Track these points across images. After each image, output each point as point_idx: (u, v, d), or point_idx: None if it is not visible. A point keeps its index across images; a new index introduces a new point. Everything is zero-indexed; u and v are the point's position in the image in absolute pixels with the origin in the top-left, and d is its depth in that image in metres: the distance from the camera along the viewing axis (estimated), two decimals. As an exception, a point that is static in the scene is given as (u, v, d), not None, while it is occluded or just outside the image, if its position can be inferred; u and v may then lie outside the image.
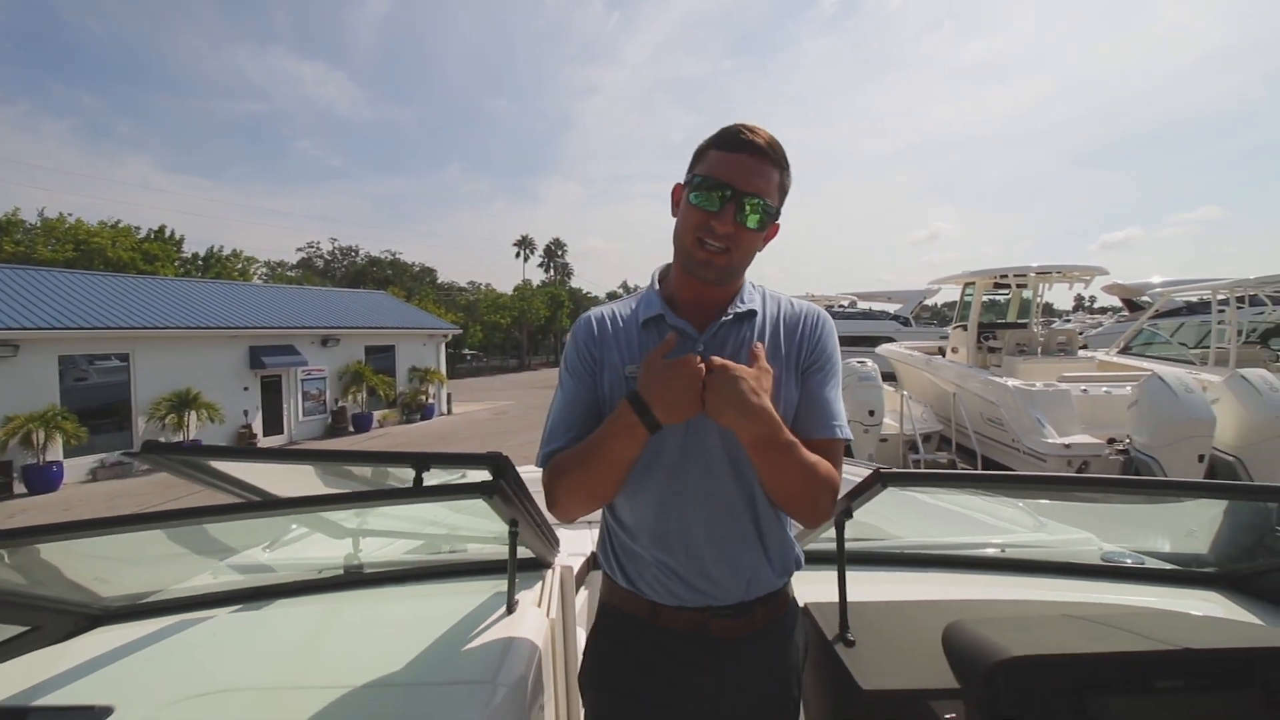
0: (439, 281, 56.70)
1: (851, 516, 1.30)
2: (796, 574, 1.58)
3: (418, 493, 1.06)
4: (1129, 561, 1.66)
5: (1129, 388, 8.00)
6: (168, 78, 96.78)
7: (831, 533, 1.38)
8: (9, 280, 15.06)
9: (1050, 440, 8.03)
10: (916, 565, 1.68)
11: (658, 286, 1.22)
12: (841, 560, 1.30)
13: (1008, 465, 8.75)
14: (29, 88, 77.02)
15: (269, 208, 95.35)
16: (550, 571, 1.61)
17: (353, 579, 1.64)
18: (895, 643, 1.23)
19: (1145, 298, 14.87)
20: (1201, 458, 6.84)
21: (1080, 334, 27.29)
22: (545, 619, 1.39)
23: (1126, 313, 18.78)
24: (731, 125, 1.11)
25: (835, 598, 1.33)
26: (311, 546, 1.97)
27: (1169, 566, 1.58)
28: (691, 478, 1.13)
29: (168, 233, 32.45)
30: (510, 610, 1.37)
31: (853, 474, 1.41)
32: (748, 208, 1.07)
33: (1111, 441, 7.83)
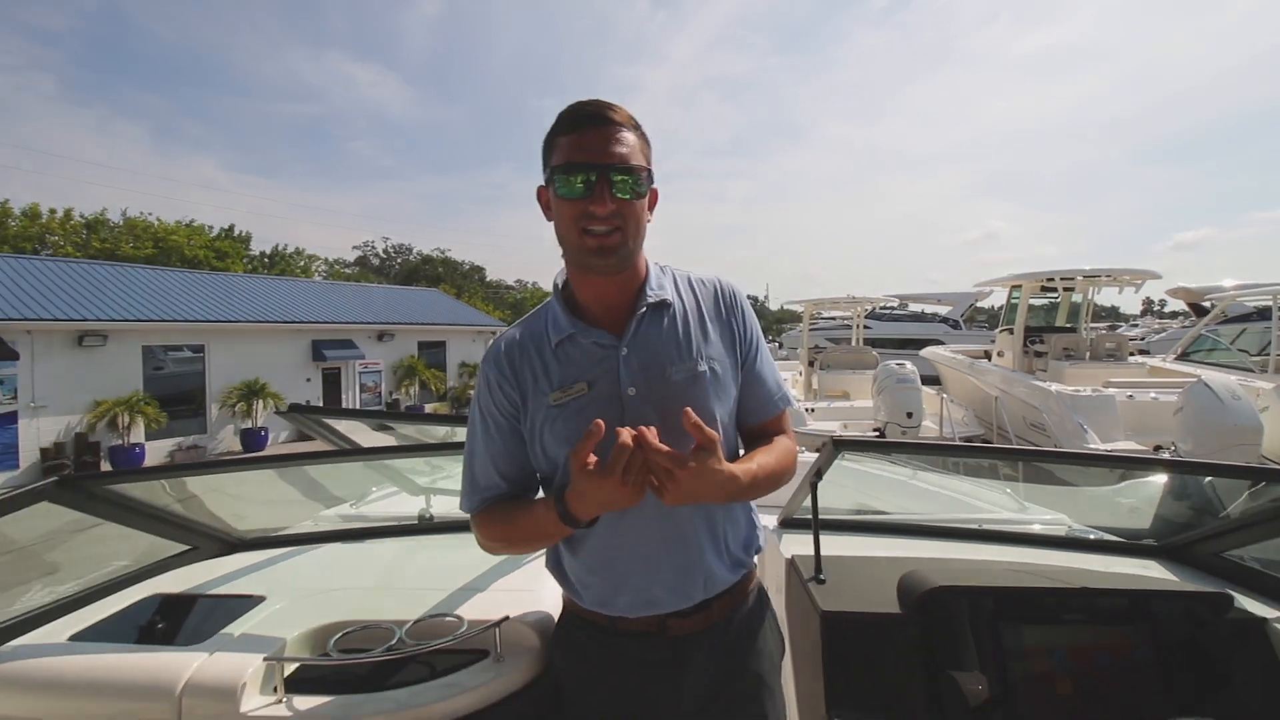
0: (487, 279, 58.09)
1: (821, 478, 1.58)
2: (787, 536, 1.87)
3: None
4: (1091, 537, 1.90)
5: (1177, 394, 7.89)
6: (231, 81, 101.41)
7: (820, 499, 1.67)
8: (101, 276, 16.32)
9: (1092, 446, 7.98)
10: (903, 534, 1.94)
11: (559, 298, 1.14)
12: (815, 517, 1.59)
13: (1047, 470, 8.72)
14: (106, 92, 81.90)
15: (325, 206, 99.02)
16: None
17: (425, 527, 2.01)
18: (860, 584, 1.51)
19: (1207, 302, 14.40)
20: (1248, 466, 6.73)
21: (1141, 339, 26.19)
22: None
23: (1194, 317, 18.09)
24: (570, 105, 1.04)
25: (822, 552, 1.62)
26: (388, 506, 2.36)
27: (1118, 540, 1.81)
28: (645, 503, 1.01)
29: (236, 231, 34.34)
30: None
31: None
32: (618, 180, 1.00)
33: (1157, 449, 7.74)
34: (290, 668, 1.20)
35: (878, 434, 9.34)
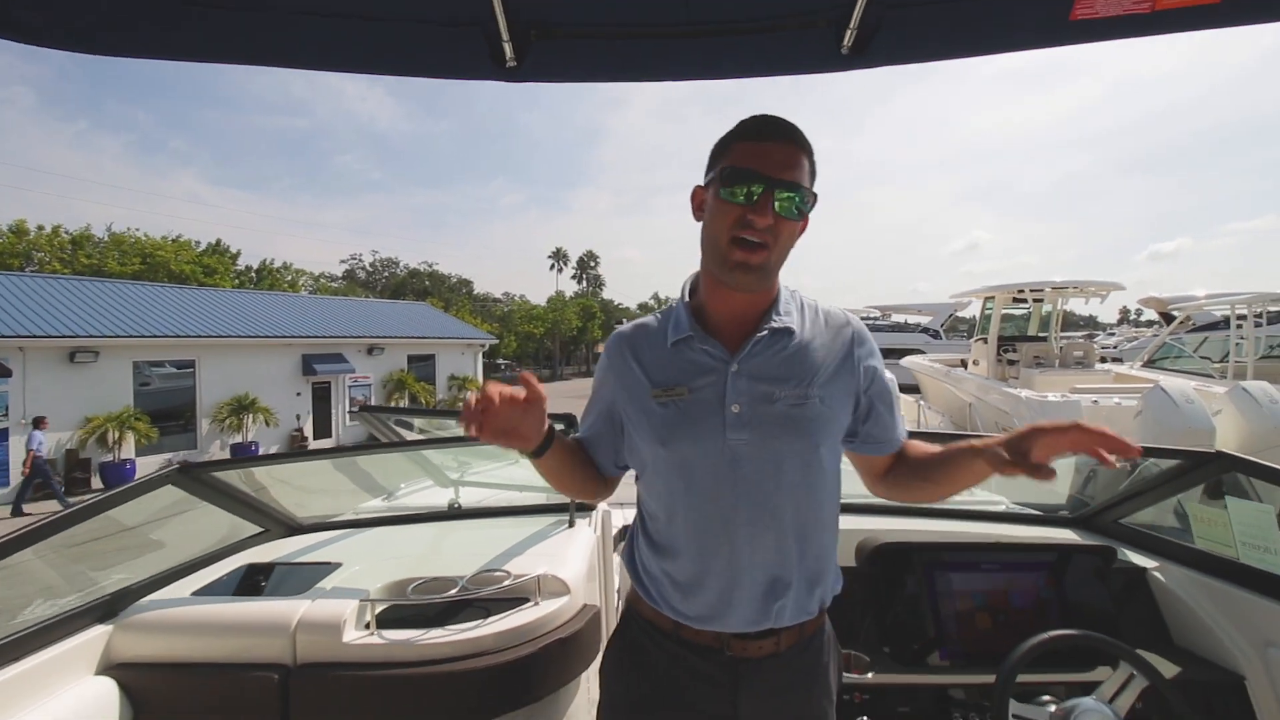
0: (474, 292, 58.30)
1: None
2: None
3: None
4: (1021, 512, 2.26)
5: (1138, 399, 8.34)
6: (215, 93, 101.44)
7: None
8: (92, 292, 16.37)
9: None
10: (865, 513, 2.28)
11: (687, 299, 1.16)
12: None
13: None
14: (88, 106, 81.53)
15: (310, 220, 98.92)
16: (598, 509, 2.28)
17: (454, 514, 2.33)
18: None
19: (1176, 311, 15.01)
20: None
21: (1115, 347, 26.79)
22: (594, 534, 2.05)
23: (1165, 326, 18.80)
24: (753, 116, 1.05)
25: None
26: (418, 498, 2.67)
27: (1040, 514, 2.17)
28: (735, 521, 1.06)
29: (223, 246, 34.36)
30: (571, 525, 2.04)
31: None
32: (783, 198, 1.00)
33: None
34: (379, 608, 1.52)
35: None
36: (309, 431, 18.77)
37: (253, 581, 1.72)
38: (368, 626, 1.48)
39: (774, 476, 1.05)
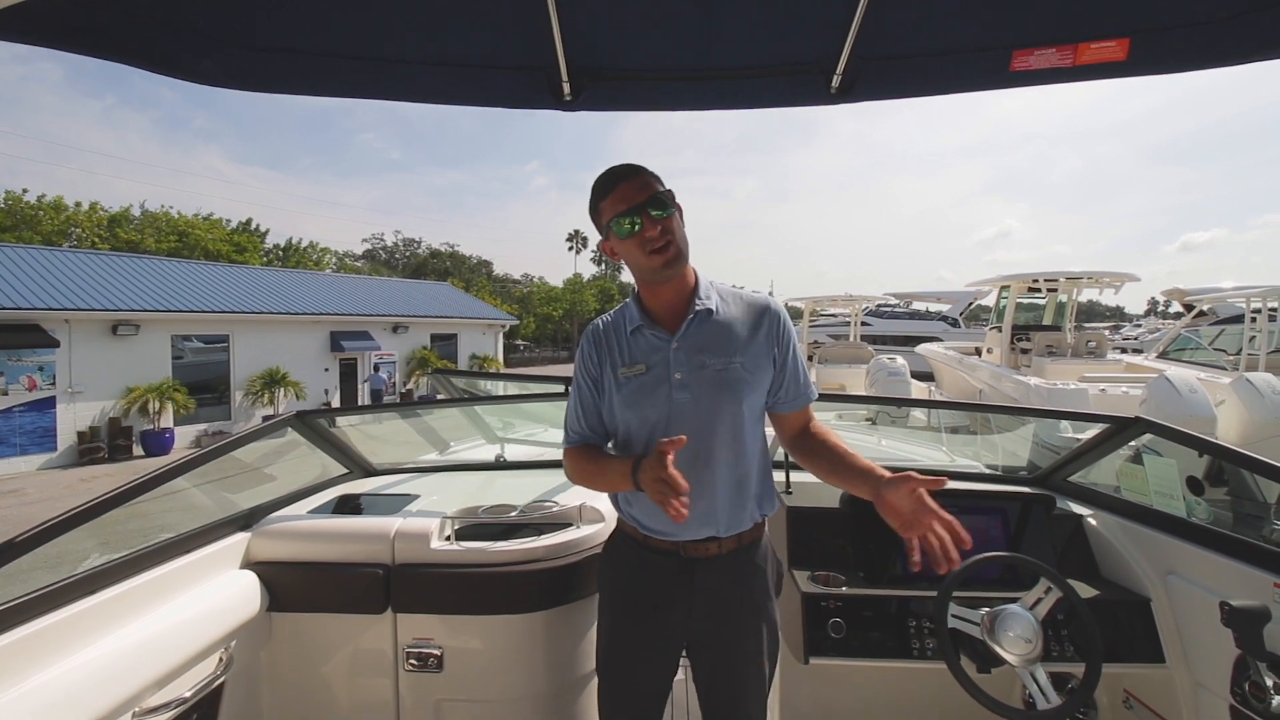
0: (494, 274, 58.83)
1: None
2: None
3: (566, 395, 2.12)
4: (988, 472, 2.61)
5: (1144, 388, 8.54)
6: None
7: None
8: (132, 268, 17.01)
9: (1065, 435, 8.65)
10: None
11: (635, 298, 1.51)
12: (788, 459, 2.29)
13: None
14: (114, 82, 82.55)
15: (331, 199, 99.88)
16: None
17: (500, 465, 2.73)
18: (815, 495, 2.21)
19: (1192, 302, 15.00)
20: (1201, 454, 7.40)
21: (1136, 338, 26.46)
22: None
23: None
24: (601, 175, 1.39)
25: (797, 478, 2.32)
26: (468, 454, 3.08)
27: (1004, 474, 2.51)
28: (686, 456, 1.34)
29: (252, 225, 35.14)
30: None
31: None
32: (654, 207, 1.34)
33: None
34: (457, 524, 1.92)
35: (870, 422, 10.03)
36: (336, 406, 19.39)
37: (347, 507, 2.14)
38: (448, 538, 1.88)
39: (709, 426, 1.40)
